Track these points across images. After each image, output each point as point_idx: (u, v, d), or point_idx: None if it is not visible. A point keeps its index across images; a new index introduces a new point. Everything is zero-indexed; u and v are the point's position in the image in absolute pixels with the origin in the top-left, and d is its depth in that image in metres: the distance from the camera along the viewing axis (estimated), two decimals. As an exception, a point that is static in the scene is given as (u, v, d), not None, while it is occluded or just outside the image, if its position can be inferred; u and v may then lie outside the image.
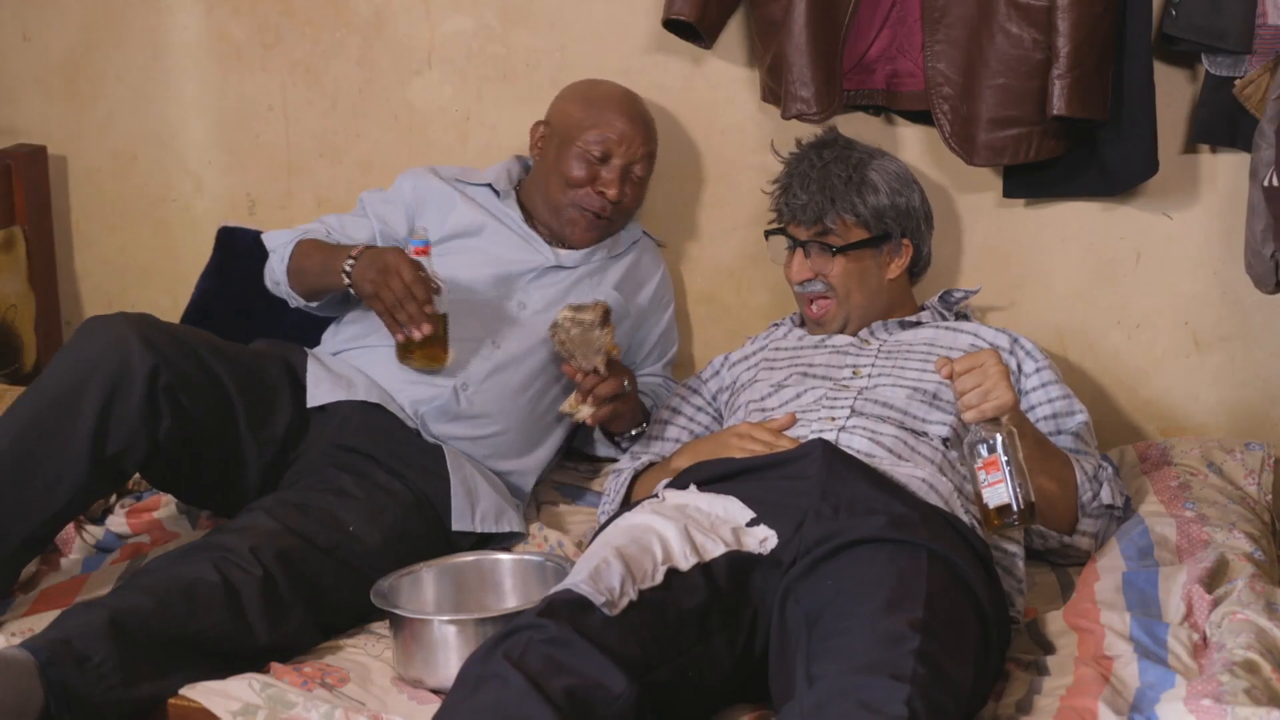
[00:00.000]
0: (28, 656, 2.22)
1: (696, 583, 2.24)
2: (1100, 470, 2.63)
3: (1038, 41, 2.87)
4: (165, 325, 2.67)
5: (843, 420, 2.62)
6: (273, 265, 3.02)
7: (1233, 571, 2.47)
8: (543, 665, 2.02)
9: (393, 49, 3.44)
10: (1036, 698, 2.22)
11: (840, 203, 2.81)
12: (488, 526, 2.78)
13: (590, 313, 2.72)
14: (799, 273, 2.84)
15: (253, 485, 2.75)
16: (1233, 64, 2.86)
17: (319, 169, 3.54)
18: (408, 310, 2.70)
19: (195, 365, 2.63)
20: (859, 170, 2.83)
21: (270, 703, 2.26)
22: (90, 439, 2.50)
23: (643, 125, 3.04)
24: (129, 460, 2.57)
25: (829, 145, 2.89)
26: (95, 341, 2.57)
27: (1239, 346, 3.11)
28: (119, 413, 2.52)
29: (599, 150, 2.98)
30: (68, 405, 2.51)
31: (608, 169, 2.98)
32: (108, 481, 2.59)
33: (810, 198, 2.81)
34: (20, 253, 3.58)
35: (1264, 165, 2.72)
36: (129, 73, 3.62)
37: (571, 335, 2.73)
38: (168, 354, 2.58)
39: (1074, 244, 3.15)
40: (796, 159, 2.89)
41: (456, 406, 2.85)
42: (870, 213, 2.82)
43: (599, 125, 2.99)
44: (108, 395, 2.52)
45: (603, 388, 2.79)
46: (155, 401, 2.55)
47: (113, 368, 2.53)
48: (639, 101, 3.09)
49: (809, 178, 2.83)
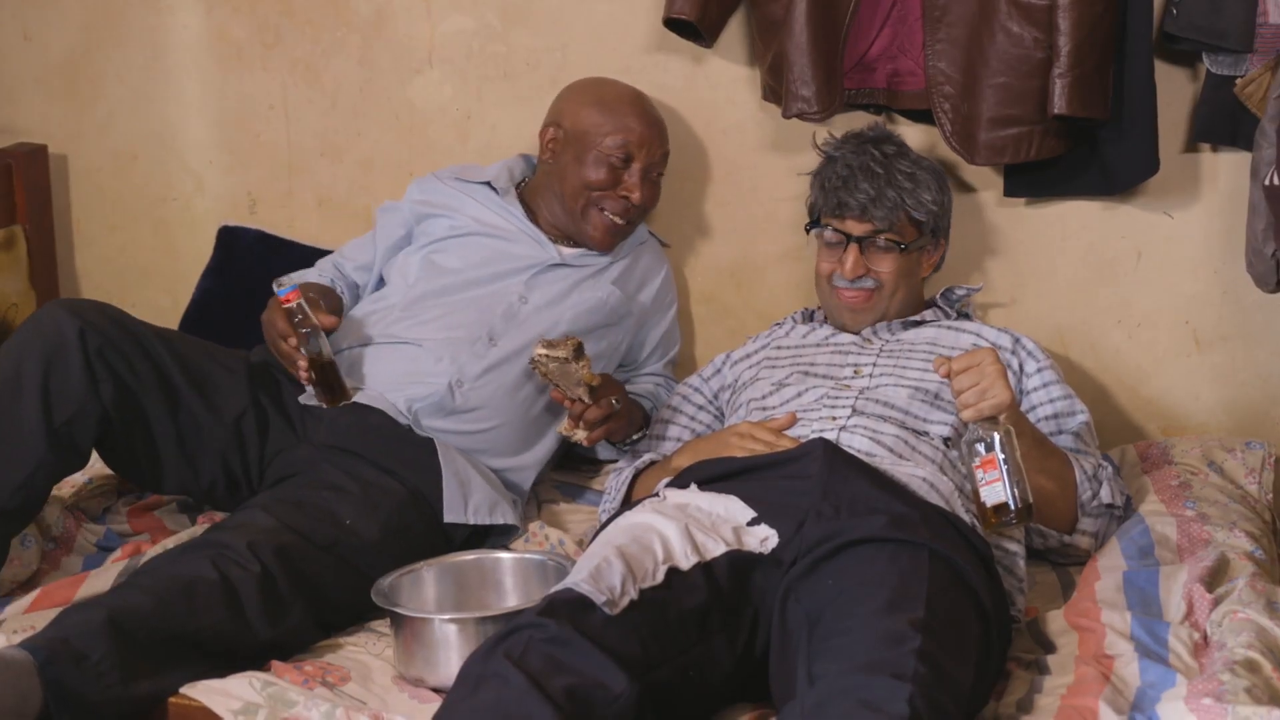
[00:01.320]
0: (26, 656, 2.21)
1: (697, 582, 2.24)
2: (1100, 469, 2.63)
3: (1039, 40, 2.86)
4: (94, 302, 2.77)
5: (844, 419, 2.62)
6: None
7: (1233, 570, 2.47)
8: (543, 664, 2.02)
9: (393, 48, 3.44)
10: (1037, 697, 2.22)
11: (908, 199, 2.80)
12: (480, 518, 2.78)
13: (562, 349, 2.74)
14: (854, 269, 2.80)
15: (218, 473, 2.78)
16: (1234, 63, 2.86)
17: (320, 168, 3.54)
18: (284, 360, 2.82)
19: (121, 332, 2.70)
20: (918, 166, 2.83)
21: (271, 701, 2.26)
22: (39, 409, 2.58)
23: (658, 125, 3.06)
24: (81, 428, 2.63)
25: (886, 140, 2.87)
26: (28, 326, 2.67)
27: (1240, 345, 3.11)
28: (59, 379, 2.61)
29: (620, 154, 2.98)
30: (12, 382, 2.60)
31: (629, 172, 2.99)
32: (67, 452, 2.64)
33: (879, 192, 2.78)
34: (21, 252, 3.58)
35: (1265, 164, 2.72)
36: (129, 72, 3.61)
37: (550, 369, 2.76)
38: (92, 320, 2.66)
39: (1075, 243, 3.15)
40: (853, 152, 2.85)
41: (451, 402, 2.85)
42: (928, 211, 2.82)
43: (618, 129, 2.99)
44: (45, 366, 2.60)
45: (590, 414, 2.81)
46: (92, 365, 2.63)
47: (47, 341, 2.62)
48: (649, 101, 3.10)
49: (874, 172, 2.79)
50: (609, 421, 2.84)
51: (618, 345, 3.07)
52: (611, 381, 2.88)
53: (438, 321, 2.92)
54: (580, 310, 2.99)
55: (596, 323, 3.00)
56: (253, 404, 2.80)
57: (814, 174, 2.91)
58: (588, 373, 2.75)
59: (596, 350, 2.97)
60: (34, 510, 2.66)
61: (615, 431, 2.90)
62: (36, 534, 2.74)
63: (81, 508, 2.92)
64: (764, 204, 3.27)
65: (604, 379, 2.83)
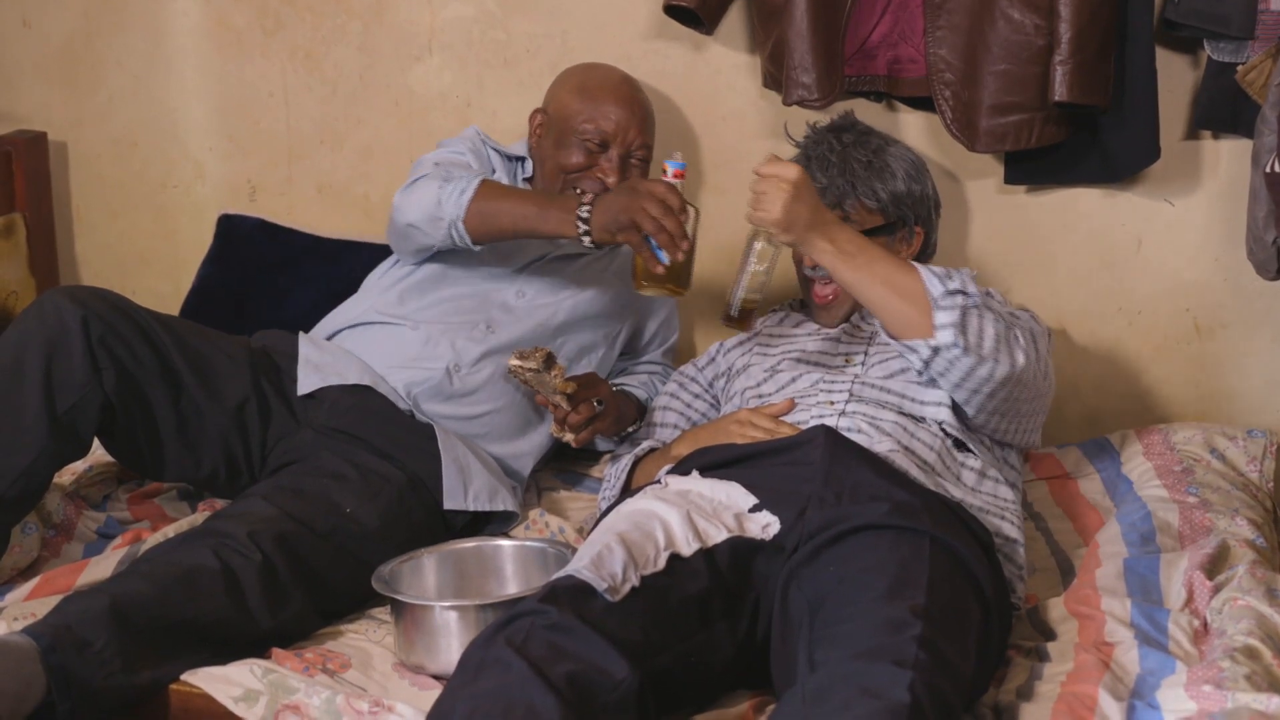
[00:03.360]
0: (29, 643, 2.22)
1: (699, 569, 2.24)
2: (956, 272, 2.53)
3: (1039, 27, 2.86)
4: (96, 289, 2.74)
5: (842, 404, 2.62)
6: (443, 198, 2.78)
7: (1234, 558, 2.48)
8: (544, 651, 2.02)
9: (393, 35, 3.44)
10: (1037, 684, 2.22)
11: (861, 187, 2.79)
12: (480, 505, 2.78)
13: (533, 360, 2.75)
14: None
15: (219, 461, 2.77)
16: (1235, 49, 2.85)
17: (320, 155, 3.53)
18: (668, 229, 2.59)
19: (123, 319, 2.68)
20: (879, 155, 2.82)
21: (272, 688, 2.26)
22: (41, 398, 2.57)
23: (640, 111, 3.03)
24: (83, 416, 2.61)
25: (847, 129, 2.87)
26: (30, 313, 2.65)
27: (1240, 333, 3.11)
28: (62, 367, 2.59)
29: (596, 140, 2.97)
30: (14, 371, 2.58)
31: (606, 157, 2.98)
32: (69, 441, 2.62)
33: (830, 181, 2.78)
34: (20, 239, 3.58)
35: (1266, 151, 2.71)
36: (129, 59, 3.61)
37: (527, 378, 2.78)
38: (94, 308, 2.64)
39: (1075, 230, 3.15)
40: (813, 142, 2.87)
41: (449, 386, 2.85)
42: (889, 198, 2.80)
43: (595, 117, 2.98)
44: (48, 354, 2.59)
45: (573, 419, 2.82)
46: (94, 354, 2.61)
47: (49, 328, 2.60)
48: (636, 87, 3.07)
49: (828, 161, 2.80)
50: (595, 423, 2.85)
51: (616, 335, 3.07)
52: (594, 382, 2.88)
53: (436, 308, 2.93)
54: (579, 300, 2.99)
55: (595, 312, 3.01)
56: (255, 391, 2.80)
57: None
58: (561, 381, 2.77)
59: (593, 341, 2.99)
60: (35, 498, 2.65)
61: (604, 430, 2.91)
62: (37, 521, 2.74)
63: (82, 495, 2.92)
64: (764, 191, 3.26)
65: (586, 379, 2.85)
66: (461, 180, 2.78)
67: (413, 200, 2.82)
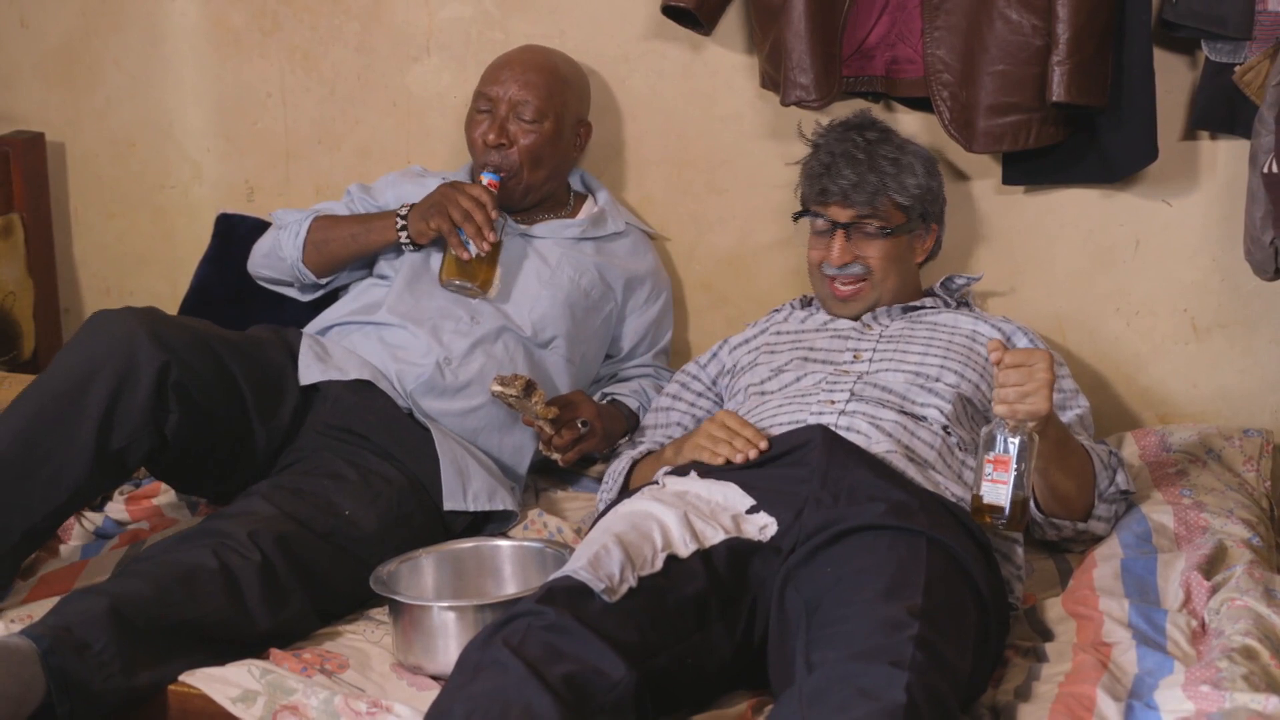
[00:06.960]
0: (29, 644, 2.22)
1: (696, 569, 2.24)
2: (1111, 456, 2.62)
3: (1037, 28, 2.86)
4: (175, 319, 2.67)
5: (842, 404, 2.62)
6: (281, 241, 3.07)
7: (1231, 558, 2.48)
8: (542, 652, 2.02)
9: (391, 35, 3.44)
10: (1035, 684, 2.23)
11: (891, 184, 2.80)
12: (480, 505, 2.78)
13: (513, 387, 2.77)
14: (841, 255, 2.80)
15: (258, 474, 2.74)
16: (1232, 50, 2.86)
17: (317, 156, 3.53)
18: (476, 220, 2.80)
19: (206, 359, 2.63)
20: (902, 152, 2.83)
21: (270, 689, 2.26)
22: (94, 434, 2.50)
23: (525, 72, 3.04)
24: (133, 455, 2.57)
25: (868, 127, 2.87)
26: (102, 337, 2.56)
27: (1238, 333, 3.11)
28: (124, 408, 2.52)
29: (484, 104, 3.04)
30: (73, 400, 2.50)
31: (491, 116, 3.02)
32: (111, 476, 2.60)
33: (861, 177, 2.79)
34: (18, 240, 3.58)
35: (1264, 152, 2.72)
36: (127, 59, 3.61)
37: (511, 401, 2.79)
38: (179, 350, 2.58)
39: (1073, 231, 3.15)
40: (837, 139, 2.86)
41: (442, 381, 2.86)
42: (913, 195, 2.82)
43: (484, 83, 3.06)
44: (114, 391, 2.51)
45: (558, 441, 2.84)
46: (164, 397, 2.55)
47: (119, 363, 2.53)
48: (539, 53, 3.11)
49: (856, 158, 2.80)
50: (580, 443, 2.87)
51: (599, 332, 3.08)
52: (579, 403, 2.89)
53: (418, 304, 2.94)
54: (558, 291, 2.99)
55: (575, 302, 3.01)
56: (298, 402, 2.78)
57: (801, 163, 2.92)
58: (541, 407, 2.78)
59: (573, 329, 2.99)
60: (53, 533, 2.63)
61: (591, 449, 2.92)
62: (36, 522, 2.74)
63: (81, 495, 2.91)
64: (762, 192, 3.27)
65: (568, 401, 2.86)
66: (295, 224, 3.04)
67: (258, 254, 3.14)
